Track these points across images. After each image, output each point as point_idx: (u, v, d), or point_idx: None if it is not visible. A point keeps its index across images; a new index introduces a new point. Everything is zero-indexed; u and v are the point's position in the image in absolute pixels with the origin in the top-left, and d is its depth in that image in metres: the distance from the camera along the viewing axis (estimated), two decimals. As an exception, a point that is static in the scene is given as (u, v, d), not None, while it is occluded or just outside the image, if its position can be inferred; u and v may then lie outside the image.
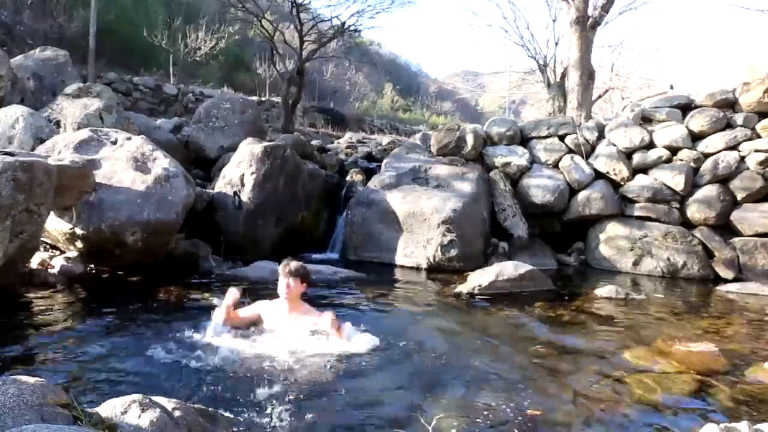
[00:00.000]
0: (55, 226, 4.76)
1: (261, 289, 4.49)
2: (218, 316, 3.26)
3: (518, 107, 25.09)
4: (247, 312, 3.44)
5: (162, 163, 5.31)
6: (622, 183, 6.98)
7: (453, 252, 6.11)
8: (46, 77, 7.81)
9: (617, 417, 2.51)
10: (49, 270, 4.60)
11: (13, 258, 3.82)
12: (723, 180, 6.63)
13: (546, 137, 7.63)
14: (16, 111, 6.06)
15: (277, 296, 3.39)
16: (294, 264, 3.33)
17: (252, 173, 6.22)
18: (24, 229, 3.82)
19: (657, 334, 3.87)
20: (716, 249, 6.40)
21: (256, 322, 3.40)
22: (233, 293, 3.37)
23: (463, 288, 5.04)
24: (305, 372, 2.79)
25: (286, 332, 3.24)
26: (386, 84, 33.68)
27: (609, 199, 6.88)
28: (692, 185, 6.69)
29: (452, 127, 7.69)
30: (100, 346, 3.06)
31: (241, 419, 2.25)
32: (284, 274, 3.29)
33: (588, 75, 10.30)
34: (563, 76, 11.96)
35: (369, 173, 8.21)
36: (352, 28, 14.62)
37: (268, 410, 2.34)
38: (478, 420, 2.38)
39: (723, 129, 6.83)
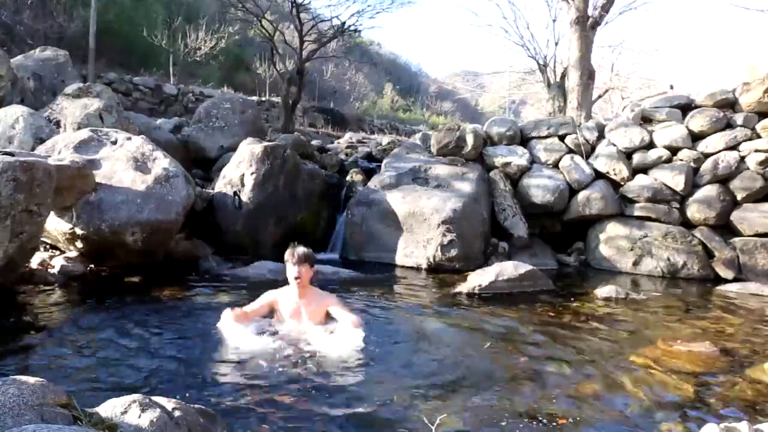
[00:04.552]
0: (55, 226, 4.76)
1: (261, 290, 4.50)
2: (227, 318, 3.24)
3: (518, 107, 25.12)
4: (256, 306, 3.44)
5: (162, 163, 5.31)
6: (622, 183, 6.98)
7: (453, 252, 6.11)
8: (46, 77, 7.82)
9: (616, 417, 2.51)
10: (49, 270, 4.60)
11: (13, 258, 3.81)
12: (723, 180, 6.63)
13: (546, 137, 7.63)
14: (16, 111, 6.06)
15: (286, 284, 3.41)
16: (300, 250, 3.34)
17: (252, 173, 6.22)
18: (24, 229, 3.82)
19: (657, 334, 3.87)
20: (716, 249, 6.40)
21: (267, 314, 3.44)
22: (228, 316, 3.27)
23: (463, 288, 5.04)
24: (306, 372, 2.79)
25: (298, 319, 3.31)
26: (386, 84, 33.66)
27: (609, 199, 6.88)
28: (692, 185, 6.69)
29: (452, 127, 7.68)
30: (100, 346, 3.06)
31: (242, 419, 2.25)
32: (293, 262, 3.30)
33: (588, 75, 10.30)
34: (563, 76, 11.96)
35: (369, 173, 8.21)
36: (352, 28, 14.61)
37: (269, 410, 2.34)
38: (479, 420, 2.38)
39: (723, 129, 6.83)
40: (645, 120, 7.38)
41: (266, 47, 15.53)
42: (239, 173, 6.28)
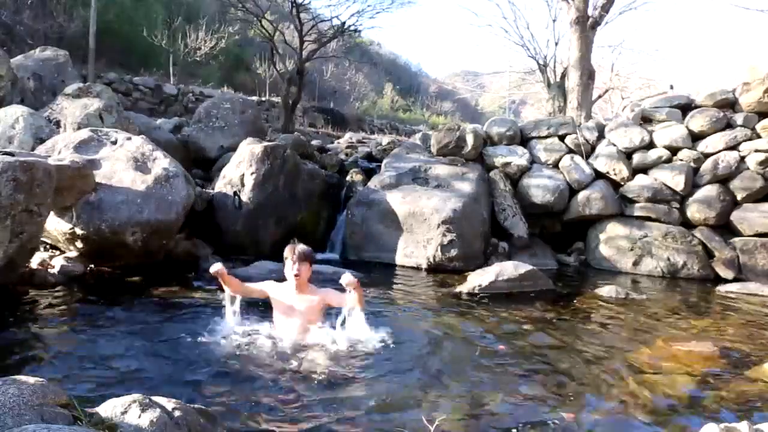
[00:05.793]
0: (55, 226, 4.76)
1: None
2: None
3: (518, 107, 25.13)
4: (254, 285, 3.48)
5: (162, 163, 5.31)
6: (622, 183, 6.98)
7: (453, 252, 6.11)
8: (46, 77, 7.81)
9: (616, 417, 2.51)
10: (49, 270, 4.60)
11: (13, 258, 3.81)
12: (723, 180, 6.63)
13: (546, 137, 7.63)
14: (16, 111, 6.06)
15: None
16: (301, 248, 3.32)
17: (252, 173, 6.22)
18: (24, 229, 3.82)
19: (657, 334, 3.87)
20: (716, 249, 6.40)
21: (262, 299, 3.46)
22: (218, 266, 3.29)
23: (463, 288, 5.04)
24: (307, 372, 2.79)
25: (293, 314, 3.29)
26: (386, 84, 33.65)
27: (609, 199, 6.88)
28: (692, 185, 6.69)
29: (452, 127, 7.68)
30: (100, 346, 3.06)
31: (242, 419, 2.25)
32: (293, 259, 3.28)
33: (588, 75, 10.30)
34: (563, 76, 11.96)
35: (369, 173, 8.20)
36: (352, 28, 14.61)
37: (269, 410, 2.34)
38: (478, 420, 2.38)
39: (723, 129, 6.83)
40: (645, 120, 7.38)
41: (266, 47, 15.52)
42: (239, 173, 6.28)
